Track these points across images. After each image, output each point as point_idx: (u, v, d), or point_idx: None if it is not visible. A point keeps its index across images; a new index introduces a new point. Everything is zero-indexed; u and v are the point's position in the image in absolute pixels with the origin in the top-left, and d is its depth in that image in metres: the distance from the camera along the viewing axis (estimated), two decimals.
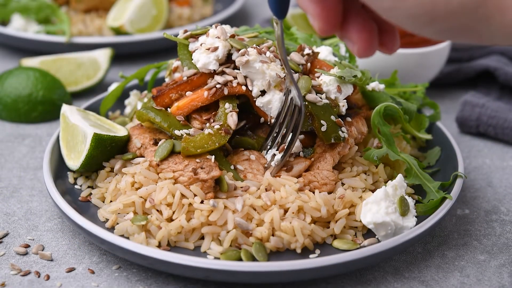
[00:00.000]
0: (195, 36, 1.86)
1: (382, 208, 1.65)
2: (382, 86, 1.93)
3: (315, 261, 1.53)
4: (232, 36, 1.82)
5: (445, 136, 2.01)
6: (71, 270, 1.65)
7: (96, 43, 2.71)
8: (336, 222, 1.68)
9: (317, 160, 1.75)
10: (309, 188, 1.72)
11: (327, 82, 1.81)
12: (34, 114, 2.32)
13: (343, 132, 1.75)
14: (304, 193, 1.68)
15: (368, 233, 1.71)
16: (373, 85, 1.91)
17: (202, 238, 1.66)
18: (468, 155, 2.19)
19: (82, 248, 1.72)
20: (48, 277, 1.62)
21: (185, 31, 1.88)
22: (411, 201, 1.72)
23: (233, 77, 1.78)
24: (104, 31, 2.86)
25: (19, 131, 2.28)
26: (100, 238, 1.59)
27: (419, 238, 1.63)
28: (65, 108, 1.93)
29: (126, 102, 2.12)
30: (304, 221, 1.64)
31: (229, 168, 1.73)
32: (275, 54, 1.80)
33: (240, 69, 1.77)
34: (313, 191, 1.72)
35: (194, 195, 1.67)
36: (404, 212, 1.67)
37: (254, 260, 1.59)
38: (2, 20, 2.87)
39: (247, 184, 1.69)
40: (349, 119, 1.82)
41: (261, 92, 1.77)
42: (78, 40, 2.72)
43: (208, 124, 1.76)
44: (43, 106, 2.32)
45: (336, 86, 1.80)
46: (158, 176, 1.72)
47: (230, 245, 1.62)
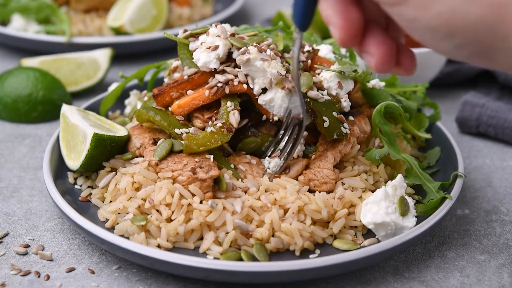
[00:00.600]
0: (195, 35, 1.86)
1: (382, 208, 1.65)
2: (383, 84, 1.93)
3: (315, 261, 1.53)
4: (232, 35, 1.82)
5: (445, 136, 2.01)
6: (71, 270, 1.65)
7: (96, 43, 2.71)
8: (335, 222, 1.68)
9: (318, 159, 1.75)
10: (309, 187, 1.72)
11: (328, 79, 1.81)
12: (34, 114, 2.32)
13: (345, 128, 1.76)
14: (305, 195, 1.68)
15: (368, 233, 1.71)
16: (374, 83, 1.91)
17: (201, 239, 1.66)
18: (468, 155, 2.18)
19: (82, 248, 1.72)
20: (48, 277, 1.62)
21: (185, 31, 1.88)
22: (411, 201, 1.72)
23: (234, 76, 1.78)
24: (104, 31, 2.86)
25: (19, 131, 2.28)
26: (100, 238, 1.59)
27: (419, 238, 1.63)
28: (65, 108, 1.93)
29: (126, 102, 2.12)
30: (304, 223, 1.64)
31: (229, 167, 1.73)
32: (276, 52, 1.80)
33: (241, 68, 1.77)
34: (313, 191, 1.72)
35: (193, 195, 1.67)
36: (404, 212, 1.67)
37: (254, 261, 1.59)
38: (2, 20, 2.87)
39: (247, 185, 1.69)
40: (352, 118, 1.82)
41: (263, 90, 1.77)
42: (78, 40, 2.72)
43: (210, 122, 1.76)
44: (43, 106, 2.32)
45: (337, 82, 1.80)
46: (157, 176, 1.72)
47: (230, 246, 1.62)
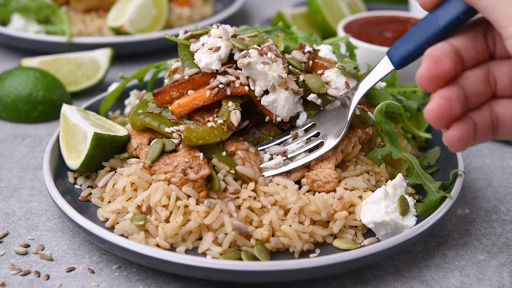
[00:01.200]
0: (196, 37, 1.86)
1: (382, 208, 1.65)
2: (383, 84, 1.93)
3: (315, 261, 1.53)
4: (234, 36, 1.81)
5: None
6: (71, 270, 1.65)
7: (96, 43, 2.71)
8: (335, 222, 1.67)
9: (320, 159, 1.75)
10: (313, 188, 1.72)
11: (335, 79, 1.83)
12: (34, 114, 2.32)
13: (370, 118, 1.82)
14: (304, 195, 1.68)
15: (368, 233, 1.71)
16: None
17: (200, 239, 1.65)
18: (468, 155, 2.18)
19: (82, 248, 1.72)
20: (48, 277, 1.62)
21: (186, 32, 1.88)
22: (411, 201, 1.72)
23: (236, 78, 1.78)
24: (104, 31, 2.86)
25: (19, 131, 2.28)
26: (100, 238, 1.59)
27: (419, 238, 1.63)
28: (65, 108, 1.93)
29: (126, 102, 2.12)
30: (303, 225, 1.64)
31: (221, 155, 1.71)
32: (277, 53, 1.80)
33: (242, 70, 1.77)
34: (313, 191, 1.72)
35: (188, 196, 1.66)
36: (404, 212, 1.67)
37: (255, 260, 1.59)
38: (2, 20, 2.87)
39: (238, 188, 1.67)
40: None
41: (264, 91, 1.77)
42: (78, 40, 2.72)
43: (211, 118, 1.75)
44: (43, 106, 2.32)
45: (344, 82, 1.82)
46: (152, 178, 1.72)
47: (230, 247, 1.62)
